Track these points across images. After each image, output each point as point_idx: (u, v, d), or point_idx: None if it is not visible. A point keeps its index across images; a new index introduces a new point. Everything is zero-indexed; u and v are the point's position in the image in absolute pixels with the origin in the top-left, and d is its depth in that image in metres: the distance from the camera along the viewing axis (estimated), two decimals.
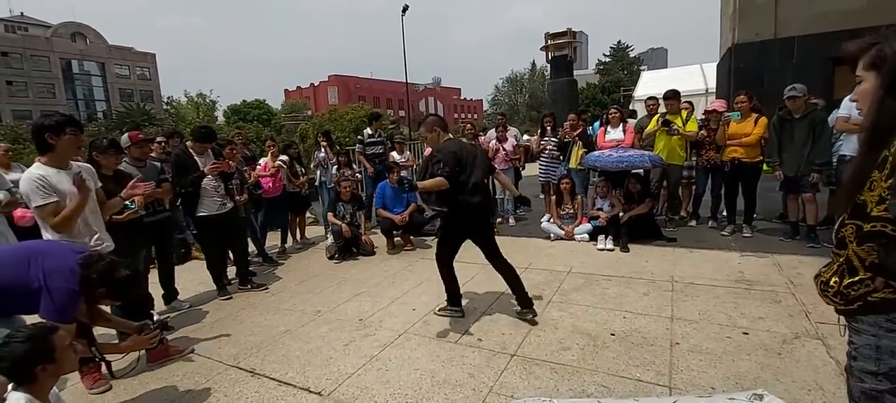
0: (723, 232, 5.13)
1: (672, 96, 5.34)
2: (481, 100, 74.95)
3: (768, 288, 3.58)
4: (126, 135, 3.89)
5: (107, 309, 2.59)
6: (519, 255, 5.02)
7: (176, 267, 5.33)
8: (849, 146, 4.35)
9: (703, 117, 5.41)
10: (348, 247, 5.48)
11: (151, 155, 4.97)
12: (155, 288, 4.00)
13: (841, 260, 1.16)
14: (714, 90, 12.46)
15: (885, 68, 1.05)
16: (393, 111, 54.64)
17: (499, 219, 6.59)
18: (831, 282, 1.19)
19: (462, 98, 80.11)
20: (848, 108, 4.20)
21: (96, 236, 2.71)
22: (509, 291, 3.92)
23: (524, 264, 4.67)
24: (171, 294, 4.11)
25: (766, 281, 3.70)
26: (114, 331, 3.01)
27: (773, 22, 10.04)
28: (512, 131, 7.05)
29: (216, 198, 4.16)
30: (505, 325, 3.29)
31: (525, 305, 3.32)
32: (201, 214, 4.12)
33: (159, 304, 4.01)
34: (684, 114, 5.40)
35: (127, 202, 3.22)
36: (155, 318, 2.68)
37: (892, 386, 1.08)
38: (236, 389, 2.67)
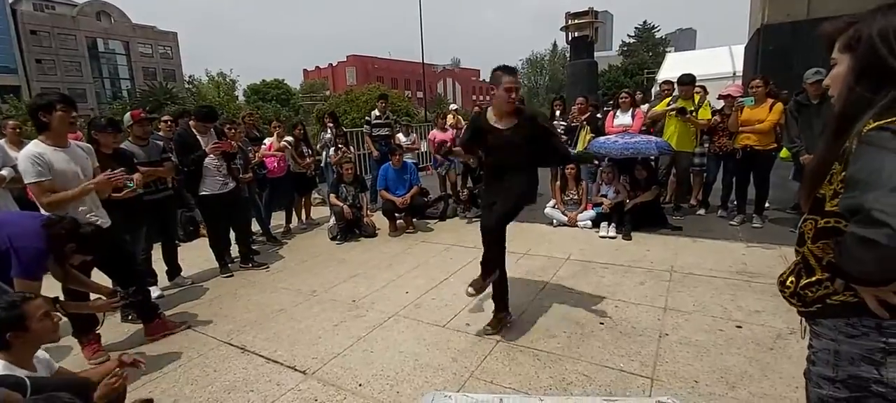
0: (732, 222, 4.97)
1: (687, 81, 5.13)
2: None
3: (770, 281, 3.46)
4: (128, 113, 3.97)
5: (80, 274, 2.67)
6: (519, 240, 4.99)
7: (183, 244, 5.53)
8: None
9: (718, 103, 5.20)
10: (350, 229, 5.52)
11: (159, 133, 5.09)
12: (159, 265, 4.15)
13: (798, 258, 1.10)
14: (743, 73, 12.00)
15: (858, 50, 0.97)
16: (411, 92, 54.47)
17: None
18: (788, 282, 1.12)
19: (481, 80, 79.19)
20: None
21: (90, 213, 2.77)
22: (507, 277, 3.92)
23: (524, 250, 4.64)
24: (174, 270, 4.22)
25: (768, 274, 3.58)
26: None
27: (807, 1, 9.56)
28: None
29: (218, 177, 4.22)
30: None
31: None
32: (203, 193, 4.20)
33: (163, 280, 4.14)
34: (697, 98, 5.19)
35: (126, 180, 3.31)
36: (150, 293, 2.77)
37: (851, 395, 1.02)
38: (225, 364, 2.75)
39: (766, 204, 5.09)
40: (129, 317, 3.37)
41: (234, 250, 4.71)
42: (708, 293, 3.33)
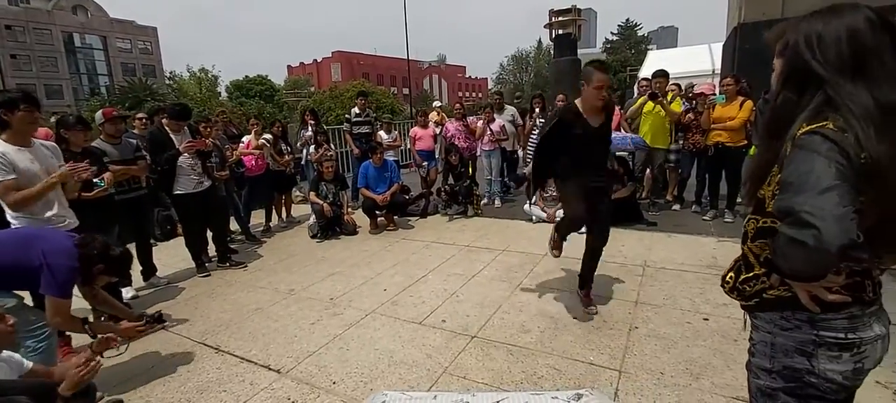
0: (704, 218, 5.10)
1: (661, 75, 5.25)
2: (486, 78, 74.00)
3: None
4: (100, 111, 3.90)
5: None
6: (499, 237, 5.05)
7: (160, 244, 5.46)
8: None
9: (688, 98, 5.32)
10: (331, 227, 5.51)
11: (134, 131, 5.01)
12: (134, 265, 4.07)
13: (740, 255, 1.15)
14: (721, 71, 12.20)
15: (785, 55, 1.01)
16: (397, 88, 54.23)
17: (485, 200, 6.60)
18: (728, 278, 1.17)
19: (467, 76, 79.24)
20: None
21: (54, 213, 2.73)
22: (484, 272, 3.97)
23: (502, 246, 4.69)
24: (149, 270, 4.16)
25: None
26: None
27: (782, 0, 9.76)
28: (509, 111, 6.93)
29: (193, 175, 4.17)
30: (471, 307, 3.31)
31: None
32: (178, 192, 4.14)
33: (138, 280, 4.09)
34: (670, 95, 5.30)
35: (96, 180, 3.26)
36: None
37: (786, 385, 1.07)
38: (198, 365, 2.73)
39: (738, 200, 5.22)
40: (102, 318, 3.32)
41: (212, 249, 4.66)
42: (678, 286, 3.42)
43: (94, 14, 48.10)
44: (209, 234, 4.59)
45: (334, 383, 2.47)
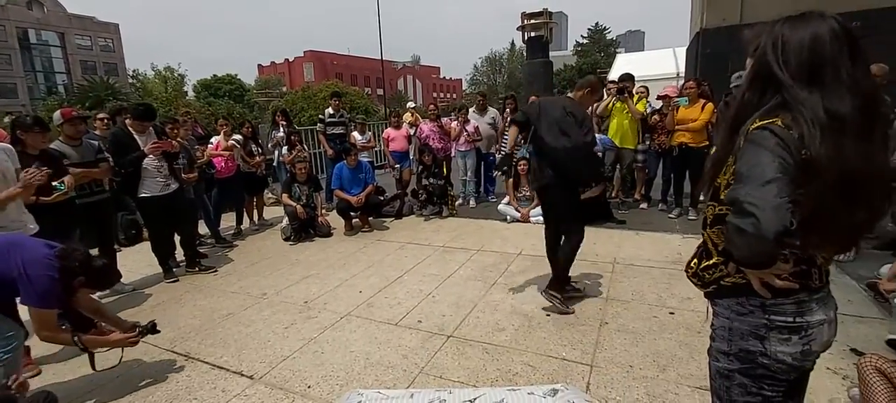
0: (670, 216, 5.30)
1: (627, 78, 5.44)
2: (461, 79, 74.31)
3: None
4: (58, 111, 3.73)
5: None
6: (474, 237, 5.10)
7: (126, 249, 5.27)
8: None
9: (656, 100, 5.53)
10: (304, 229, 5.44)
11: (96, 132, 4.81)
12: None
13: (701, 241, 1.21)
14: (685, 74, 12.66)
15: (755, 57, 1.08)
16: (371, 89, 53.82)
17: (460, 201, 6.64)
18: (691, 263, 1.24)
19: (441, 77, 79.34)
20: None
21: (9, 217, 2.60)
22: (459, 272, 4.00)
23: (477, 246, 4.74)
24: None
25: None
26: None
27: (740, 7, 10.19)
28: (491, 112, 6.94)
29: (159, 178, 4.04)
30: (447, 307, 3.34)
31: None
32: (143, 195, 4.01)
33: None
34: (636, 97, 5.49)
35: (56, 183, 3.12)
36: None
37: (742, 367, 1.14)
38: (167, 374, 2.66)
39: (701, 198, 5.44)
40: (63, 326, 3.18)
41: (180, 254, 4.53)
42: (646, 282, 3.54)
43: (51, 9, 45.79)
44: (177, 238, 4.46)
45: (309, 387, 2.45)
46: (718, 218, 1.11)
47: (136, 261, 4.73)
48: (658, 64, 15.19)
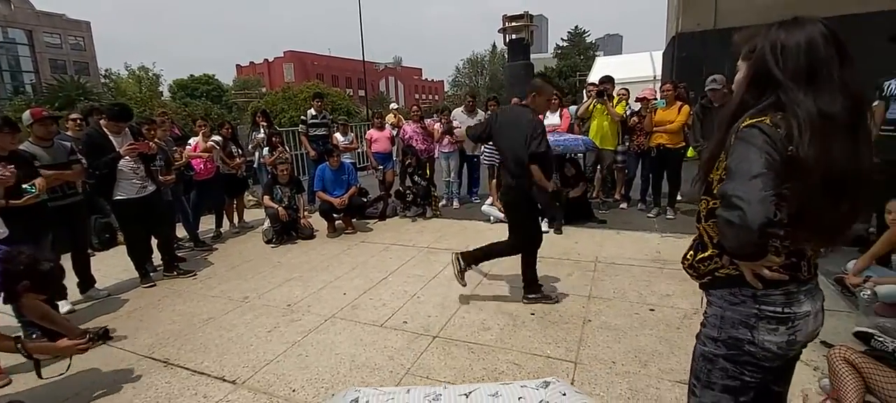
0: (649, 215, 5.41)
1: (607, 81, 5.56)
2: (443, 81, 74.40)
3: (680, 267, 3.80)
4: (28, 111, 3.60)
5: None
6: (458, 238, 5.12)
7: (100, 253, 5.11)
8: None
9: (635, 101, 5.66)
10: (286, 231, 5.37)
11: (68, 133, 4.66)
12: (70, 277, 3.79)
13: (697, 234, 1.27)
14: (661, 77, 12.97)
15: (752, 59, 1.13)
16: (352, 90, 53.44)
17: (443, 202, 6.65)
18: (687, 255, 1.30)
19: (423, 78, 79.30)
20: None
21: None
22: (444, 273, 4.01)
23: (462, 246, 4.70)
24: (86, 282, 3.89)
25: (678, 261, 3.91)
26: None
27: (714, 13, 10.49)
28: (480, 114, 6.94)
29: (135, 180, 3.94)
30: (432, 307, 3.34)
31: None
32: (119, 197, 3.90)
33: (74, 293, 3.81)
34: (616, 99, 5.61)
35: (26, 186, 3.02)
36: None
37: (728, 352, 1.21)
38: (145, 380, 2.59)
39: (679, 197, 5.58)
40: (34, 336, 3.07)
41: (158, 258, 4.42)
42: (627, 280, 3.61)
43: (18, 6, 44.06)
44: (154, 242, 4.35)
45: (294, 391, 2.42)
46: (712, 212, 1.17)
47: (111, 266, 4.60)
48: (636, 67, 15.54)
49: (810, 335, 1.19)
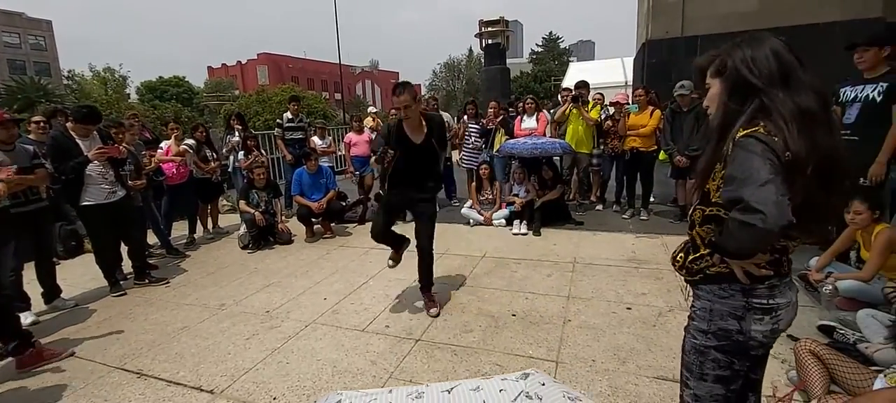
0: (624, 216, 5.55)
1: (582, 86, 5.69)
2: (419, 84, 74.34)
3: (654, 266, 3.93)
4: None
5: None
6: (438, 241, 5.04)
7: (65, 262, 4.91)
8: None
9: (609, 105, 5.81)
10: (263, 236, 5.27)
11: (30, 136, 4.47)
12: (33, 286, 3.64)
13: (688, 238, 1.36)
14: (632, 83, 13.34)
15: (726, 74, 1.22)
16: (328, 93, 52.85)
17: None
18: (678, 257, 1.38)
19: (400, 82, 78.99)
20: None
21: None
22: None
23: (442, 249, 4.76)
24: (51, 292, 3.73)
25: (652, 260, 4.07)
26: None
27: (681, 21, 10.86)
28: (444, 116, 7.00)
29: (104, 185, 3.80)
30: (414, 311, 3.34)
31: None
32: (86, 203, 3.75)
33: (39, 303, 3.65)
34: (591, 104, 5.75)
35: None
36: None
37: (718, 343, 1.29)
38: (118, 393, 2.50)
39: (652, 199, 5.75)
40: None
41: (128, 265, 4.27)
42: (604, 280, 3.70)
43: None
44: (124, 249, 4.20)
45: (274, 398, 2.38)
46: (707, 219, 1.25)
47: (78, 275, 4.42)
48: (608, 72, 15.96)
49: (788, 323, 1.29)
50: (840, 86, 3.48)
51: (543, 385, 1.47)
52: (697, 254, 1.30)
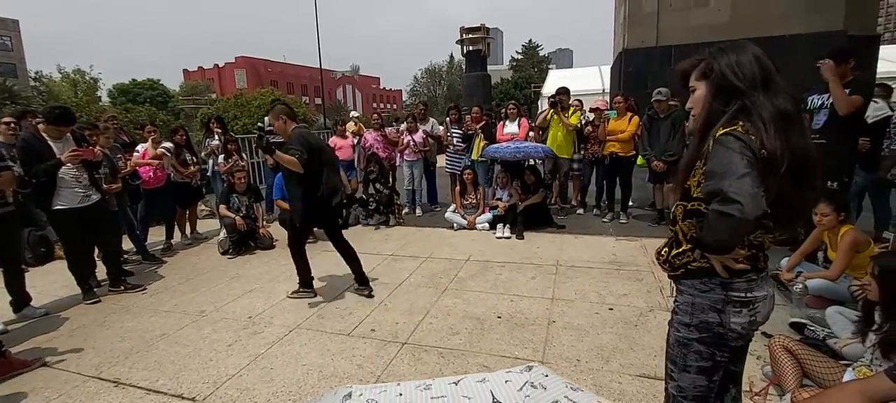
0: (604, 220, 5.67)
1: (563, 92, 5.81)
2: (401, 90, 74.40)
3: (634, 268, 4.03)
4: None
5: None
6: (422, 245, 5.14)
7: (35, 269, 4.72)
8: None
9: (589, 111, 5.95)
10: (244, 241, 5.18)
11: None
12: (1, 295, 3.50)
13: (671, 234, 1.41)
14: (609, 90, 13.65)
15: (711, 77, 1.29)
16: (309, 98, 52.29)
17: (406, 209, 6.65)
18: (662, 252, 1.44)
19: (381, 87, 78.90)
20: None
21: None
22: (410, 280, 4.02)
23: (426, 253, 4.78)
24: (21, 300, 3.57)
25: (632, 262, 4.17)
26: None
27: (656, 32, 11.19)
28: (431, 121, 7.00)
29: (77, 188, 3.68)
30: (400, 314, 3.34)
31: (361, 283, 3.74)
32: (59, 207, 3.62)
33: (7, 312, 3.50)
34: (571, 109, 5.87)
35: None
36: None
37: (700, 336, 1.35)
38: (94, 402, 2.42)
39: (631, 203, 5.89)
40: None
41: (102, 272, 4.14)
42: (587, 282, 3.77)
43: None
44: (98, 255, 4.07)
45: None
46: (689, 213, 1.31)
47: (48, 282, 4.26)
48: (586, 80, 16.33)
49: (766, 316, 1.34)
50: (807, 95, 3.66)
51: (546, 376, 1.54)
52: (680, 249, 1.35)
